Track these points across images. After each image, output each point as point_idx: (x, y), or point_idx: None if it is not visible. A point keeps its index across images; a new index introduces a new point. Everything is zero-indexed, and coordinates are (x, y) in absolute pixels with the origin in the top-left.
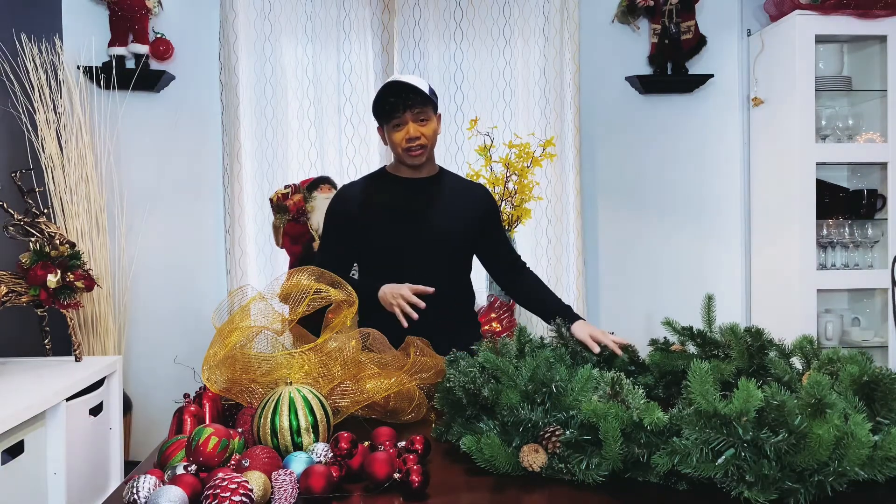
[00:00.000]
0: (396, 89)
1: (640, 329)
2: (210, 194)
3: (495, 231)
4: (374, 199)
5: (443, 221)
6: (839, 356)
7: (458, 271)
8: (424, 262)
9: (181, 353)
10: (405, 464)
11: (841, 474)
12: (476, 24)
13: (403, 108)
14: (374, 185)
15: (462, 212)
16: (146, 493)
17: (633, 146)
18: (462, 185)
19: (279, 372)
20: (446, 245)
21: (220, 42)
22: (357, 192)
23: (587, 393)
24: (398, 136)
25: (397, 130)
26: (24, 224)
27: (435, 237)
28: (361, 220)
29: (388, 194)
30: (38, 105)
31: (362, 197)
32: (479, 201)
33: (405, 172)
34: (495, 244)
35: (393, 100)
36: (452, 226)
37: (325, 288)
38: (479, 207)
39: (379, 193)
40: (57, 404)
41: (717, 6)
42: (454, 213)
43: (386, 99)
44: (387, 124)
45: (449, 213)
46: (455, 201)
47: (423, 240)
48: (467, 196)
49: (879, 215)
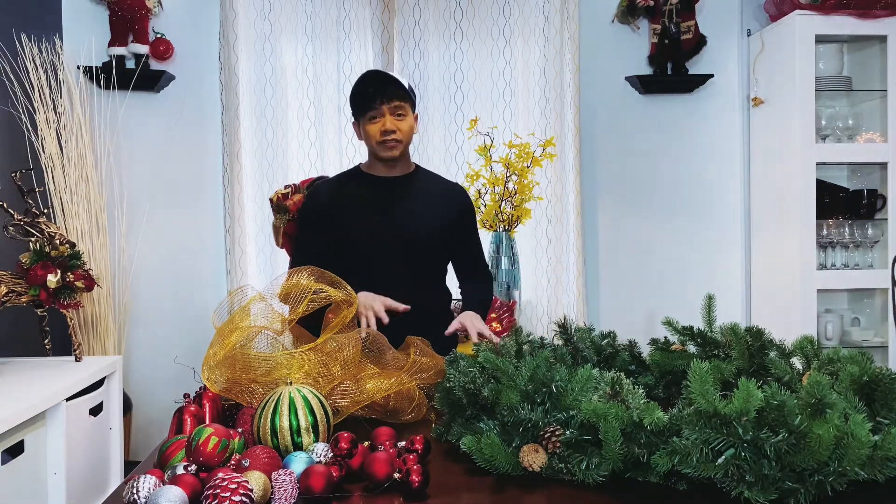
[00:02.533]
0: (375, 79)
1: (640, 329)
2: (210, 194)
3: (464, 233)
4: (346, 197)
5: (414, 221)
6: (839, 356)
7: (431, 273)
8: (395, 263)
9: (181, 353)
10: (405, 464)
11: (841, 474)
12: (476, 24)
13: (381, 99)
14: (347, 183)
15: (435, 212)
16: (146, 493)
17: (633, 146)
18: (438, 184)
19: (279, 372)
20: (417, 245)
21: (220, 42)
22: (329, 190)
23: (587, 393)
24: (374, 128)
25: (373, 123)
26: (24, 224)
27: (405, 237)
28: (334, 218)
29: (360, 192)
30: (38, 105)
31: (335, 195)
32: (453, 202)
33: (379, 170)
34: (462, 248)
35: (371, 90)
36: (423, 226)
37: (325, 288)
38: (452, 208)
39: (351, 191)
40: (57, 404)
41: (717, 6)
42: (426, 213)
43: (364, 89)
44: (362, 116)
45: (421, 214)
46: (428, 201)
47: (394, 240)
48: (442, 196)
49: (879, 215)
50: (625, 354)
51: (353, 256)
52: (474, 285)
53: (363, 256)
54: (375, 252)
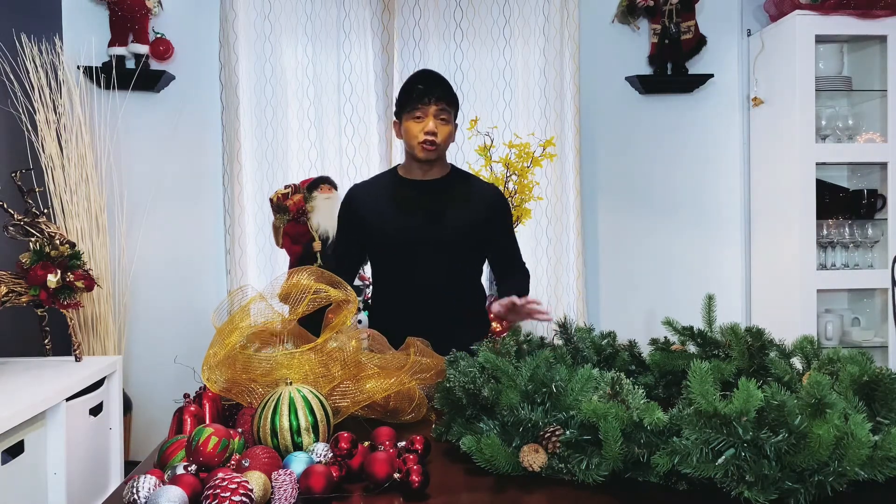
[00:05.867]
0: (427, 78)
1: (640, 329)
2: (210, 194)
3: (500, 234)
4: (382, 198)
5: (450, 223)
6: (839, 356)
7: (467, 272)
8: (432, 264)
9: (181, 353)
10: (405, 464)
11: (841, 474)
12: (476, 24)
13: (429, 99)
14: (384, 184)
15: (471, 213)
16: (146, 493)
17: (633, 146)
18: (472, 186)
19: (279, 372)
20: (453, 247)
21: (220, 42)
22: (365, 191)
23: (587, 393)
24: (416, 127)
25: (417, 122)
26: (24, 224)
27: (442, 239)
28: (369, 220)
29: (395, 194)
30: (38, 105)
31: (370, 195)
32: (489, 202)
33: (416, 173)
34: (497, 247)
35: (422, 87)
36: (460, 228)
37: (325, 288)
38: (488, 208)
39: (387, 193)
40: (57, 404)
41: (717, 6)
42: (463, 215)
43: (414, 85)
44: (407, 113)
45: (457, 216)
46: (464, 203)
47: (431, 242)
48: (477, 197)
49: (879, 215)
50: (625, 354)
51: (391, 258)
52: (511, 280)
53: (401, 259)
54: (413, 254)
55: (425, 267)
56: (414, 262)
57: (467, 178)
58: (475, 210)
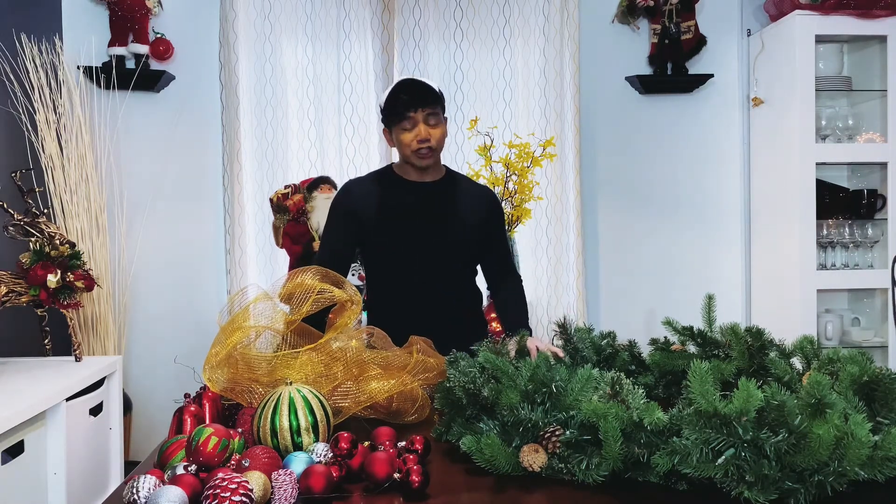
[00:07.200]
0: (409, 87)
1: (640, 329)
2: (210, 194)
3: (494, 235)
4: (380, 199)
5: (447, 226)
6: (839, 356)
7: (463, 274)
8: (428, 267)
9: (181, 353)
10: (405, 464)
11: (841, 474)
12: (476, 24)
13: (415, 106)
14: (381, 184)
15: (466, 215)
16: (146, 493)
17: (633, 146)
18: (468, 188)
19: (280, 372)
20: (450, 249)
21: (220, 42)
22: (363, 189)
23: (587, 393)
24: (408, 136)
25: (407, 131)
26: (24, 224)
27: (439, 242)
28: (365, 219)
29: (394, 196)
30: (38, 105)
31: (368, 195)
32: (484, 205)
33: (412, 175)
34: (491, 249)
35: (406, 97)
36: (456, 230)
37: (329, 288)
38: (483, 210)
39: (385, 194)
40: (57, 404)
41: (717, 6)
42: (459, 217)
43: (398, 96)
44: (396, 125)
45: (453, 218)
46: (460, 205)
47: (427, 244)
48: (472, 200)
49: (879, 215)
50: (625, 354)
51: (391, 260)
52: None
53: (401, 260)
54: (414, 256)
55: (427, 268)
56: (415, 264)
57: (462, 179)
58: (475, 211)
